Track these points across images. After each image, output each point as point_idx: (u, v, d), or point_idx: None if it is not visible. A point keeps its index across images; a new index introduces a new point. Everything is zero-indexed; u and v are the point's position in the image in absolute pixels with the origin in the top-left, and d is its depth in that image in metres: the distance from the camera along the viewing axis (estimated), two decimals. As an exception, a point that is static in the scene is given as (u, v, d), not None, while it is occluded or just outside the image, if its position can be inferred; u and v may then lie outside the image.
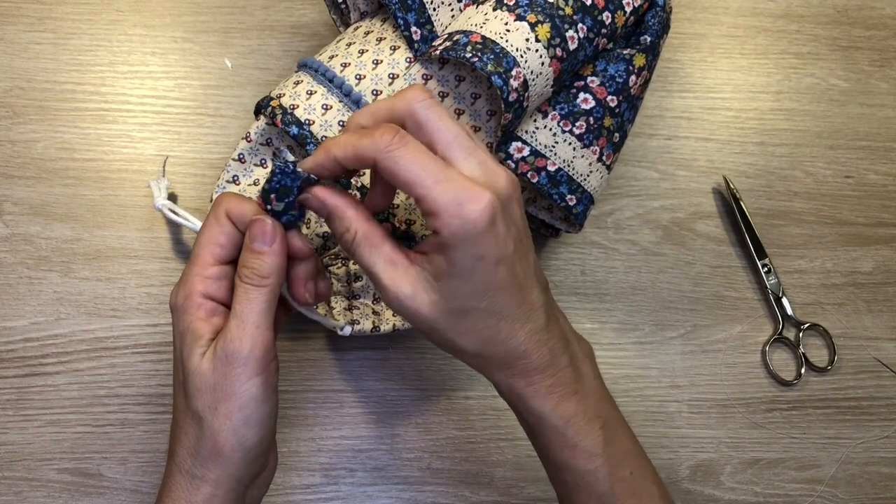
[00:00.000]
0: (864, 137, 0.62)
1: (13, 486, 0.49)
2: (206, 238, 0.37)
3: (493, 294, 0.35)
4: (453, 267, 0.34)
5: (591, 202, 0.49)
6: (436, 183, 0.33)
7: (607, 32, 0.45)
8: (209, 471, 0.36)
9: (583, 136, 0.47)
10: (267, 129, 0.47)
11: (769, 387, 0.57)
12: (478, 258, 0.33)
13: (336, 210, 0.36)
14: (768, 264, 0.58)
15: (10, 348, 0.51)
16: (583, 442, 0.38)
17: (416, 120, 0.34)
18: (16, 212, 0.53)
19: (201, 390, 0.36)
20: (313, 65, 0.46)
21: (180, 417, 0.37)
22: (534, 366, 0.37)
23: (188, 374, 0.36)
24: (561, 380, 0.37)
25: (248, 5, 0.58)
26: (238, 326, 0.35)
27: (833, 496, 0.55)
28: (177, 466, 0.37)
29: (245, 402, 0.35)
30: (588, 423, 0.38)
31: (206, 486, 0.36)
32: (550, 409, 0.37)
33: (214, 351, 0.36)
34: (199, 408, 0.36)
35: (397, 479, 0.52)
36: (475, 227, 0.33)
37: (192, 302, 0.36)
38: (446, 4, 0.45)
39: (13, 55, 0.55)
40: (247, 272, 0.36)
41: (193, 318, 0.36)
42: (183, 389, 0.37)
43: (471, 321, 0.35)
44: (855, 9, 0.65)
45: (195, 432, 0.36)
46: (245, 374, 0.35)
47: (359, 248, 0.35)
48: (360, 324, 0.48)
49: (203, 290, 0.37)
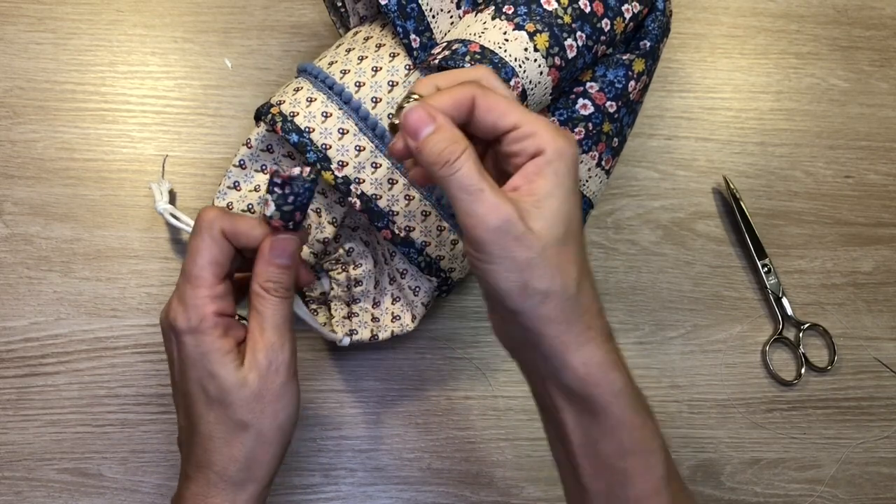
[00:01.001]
0: (864, 137, 0.62)
1: (13, 486, 0.49)
2: (205, 259, 0.38)
3: (577, 223, 0.35)
4: (559, 186, 0.34)
5: (590, 207, 0.49)
6: (525, 113, 0.35)
7: (606, 39, 0.45)
8: (255, 473, 0.38)
9: (582, 142, 0.47)
10: (267, 135, 0.47)
11: (769, 387, 0.57)
12: (570, 176, 0.35)
13: (446, 123, 0.34)
14: (768, 264, 0.58)
15: (10, 348, 0.51)
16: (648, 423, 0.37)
17: (491, 84, 0.36)
18: (16, 212, 0.53)
19: (246, 399, 0.37)
20: (313, 71, 0.46)
21: (215, 430, 0.38)
22: (607, 330, 0.36)
23: (227, 388, 0.37)
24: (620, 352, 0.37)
25: (248, 5, 0.58)
26: (278, 335, 0.38)
27: (833, 496, 0.55)
28: (217, 475, 0.38)
29: (289, 400, 0.38)
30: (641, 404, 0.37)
31: (251, 485, 0.38)
32: (624, 383, 0.35)
33: (256, 361, 0.37)
34: (245, 416, 0.37)
35: (397, 479, 0.52)
36: (573, 147, 0.34)
37: (209, 323, 0.37)
38: (445, 12, 0.45)
39: (13, 55, 0.55)
40: (273, 286, 0.38)
41: (214, 338, 0.37)
42: (216, 404, 0.38)
43: (571, 249, 0.34)
44: (855, 9, 0.65)
45: (242, 440, 0.37)
46: (287, 376, 0.38)
47: (468, 162, 0.34)
48: (358, 333, 0.49)
49: (216, 310, 0.38)
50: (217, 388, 0.37)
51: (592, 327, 0.35)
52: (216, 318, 0.37)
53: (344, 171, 0.44)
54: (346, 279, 0.49)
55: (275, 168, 0.38)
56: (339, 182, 0.44)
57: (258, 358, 0.37)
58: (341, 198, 0.48)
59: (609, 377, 0.35)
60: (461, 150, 0.34)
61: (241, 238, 0.38)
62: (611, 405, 0.35)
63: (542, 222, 0.33)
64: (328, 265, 0.49)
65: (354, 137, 0.44)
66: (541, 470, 0.53)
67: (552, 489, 0.53)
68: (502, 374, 0.54)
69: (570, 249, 0.34)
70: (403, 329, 0.49)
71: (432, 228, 0.46)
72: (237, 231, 0.38)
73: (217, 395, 0.37)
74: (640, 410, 0.36)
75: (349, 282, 0.49)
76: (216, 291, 0.38)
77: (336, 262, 0.49)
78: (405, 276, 0.49)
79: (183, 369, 0.38)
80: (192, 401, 0.38)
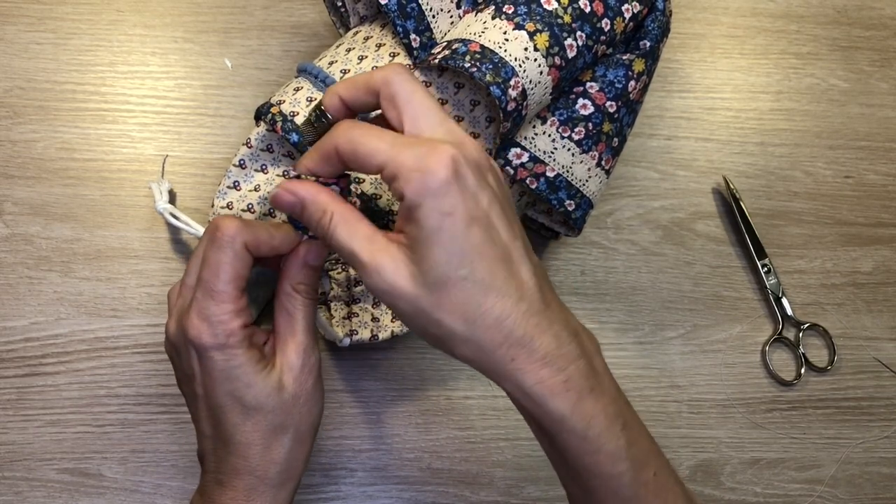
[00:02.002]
0: (864, 137, 0.62)
1: (13, 486, 0.49)
2: (229, 274, 0.37)
3: (472, 260, 0.32)
4: (422, 229, 0.32)
5: (590, 207, 0.49)
6: (393, 146, 0.32)
7: (606, 39, 0.45)
8: (293, 471, 0.39)
9: (582, 142, 0.47)
10: (268, 134, 0.47)
11: (769, 387, 0.57)
12: (445, 214, 0.32)
13: (309, 196, 0.35)
14: (768, 264, 0.58)
15: (11, 348, 0.51)
16: (606, 445, 0.35)
17: (389, 91, 0.34)
18: (16, 212, 0.53)
19: (284, 402, 0.38)
20: (313, 70, 0.46)
21: (252, 437, 0.38)
22: (539, 355, 0.33)
23: (266, 395, 0.38)
24: (575, 374, 0.34)
25: (248, 5, 0.58)
26: (308, 337, 0.39)
27: (833, 496, 0.55)
28: (258, 479, 0.38)
29: (319, 397, 0.40)
30: (610, 423, 0.35)
31: (290, 483, 0.39)
32: (570, 410, 0.34)
33: (289, 363, 0.38)
34: (283, 419, 0.38)
35: (397, 479, 0.52)
36: (436, 178, 0.31)
37: (237, 338, 0.37)
38: (445, 12, 0.45)
39: (13, 55, 0.55)
40: (304, 288, 0.39)
41: (244, 351, 0.37)
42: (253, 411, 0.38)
43: (455, 294, 0.32)
44: (855, 9, 0.65)
45: (281, 442, 0.38)
46: (317, 376, 0.40)
47: (337, 228, 0.34)
48: (358, 334, 0.49)
49: (242, 324, 0.38)
50: (254, 397, 0.38)
51: (516, 358, 0.33)
52: (243, 331, 0.37)
53: (344, 171, 0.44)
54: (346, 279, 0.49)
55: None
56: (339, 182, 0.44)
57: (291, 359, 0.38)
58: (341, 198, 0.48)
59: (549, 406, 0.34)
60: (328, 219, 0.34)
61: (262, 248, 0.38)
62: (558, 435, 0.34)
63: (415, 275, 0.33)
64: (328, 265, 0.49)
65: (354, 137, 0.44)
66: (541, 470, 0.53)
67: (552, 489, 0.53)
68: (502, 374, 0.54)
69: (453, 293, 0.33)
70: (403, 329, 0.49)
71: (432, 228, 0.46)
72: (259, 242, 0.38)
73: (254, 404, 0.38)
74: (597, 434, 0.34)
75: (349, 282, 0.49)
76: (240, 305, 0.38)
77: (336, 262, 0.49)
78: (405, 276, 0.49)
79: (211, 384, 0.38)
80: (223, 412, 0.38)
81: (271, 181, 0.47)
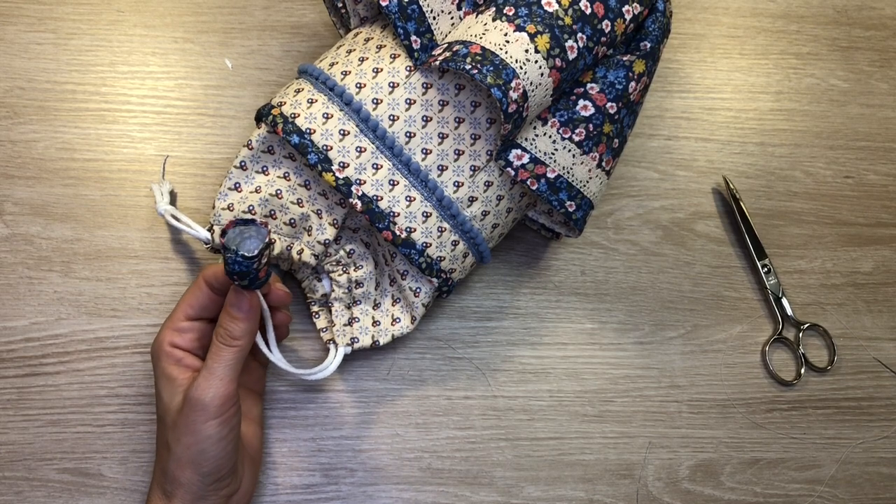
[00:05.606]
0: (864, 138, 0.62)
1: (13, 486, 0.49)
2: (184, 300, 0.45)
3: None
4: None
5: (590, 208, 0.49)
6: None
7: (607, 41, 0.45)
8: (176, 489, 0.42)
9: (582, 143, 0.47)
10: (268, 136, 0.47)
11: (769, 387, 0.57)
12: None
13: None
14: (768, 264, 0.58)
15: (11, 348, 0.51)
16: None
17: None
18: (16, 212, 0.53)
19: (171, 425, 0.42)
20: (314, 72, 0.46)
21: (159, 441, 0.44)
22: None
23: (164, 410, 0.43)
24: None
25: (248, 5, 0.58)
26: (206, 378, 0.41)
27: (833, 496, 0.56)
28: (156, 481, 0.44)
29: (202, 438, 0.41)
30: None
31: (177, 500, 0.42)
32: None
33: (184, 395, 0.42)
34: (169, 438, 0.42)
35: (397, 479, 0.52)
36: None
37: (163, 350, 0.44)
38: (446, 13, 0.45)
39: (13, 55, 0.55)
40: (222, 332, 0.42)
41: (166, 365, 0.43)
42: (159, 421, 0.44)
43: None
44: (855, 9, 0.65)
45: (166, 456, 0.42)
46: (203, 418, 0.41)
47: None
48: (359, 341, 0.49)
49: (170, 340, 0.44)
50: (160, 408, 0.43)
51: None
52: (169, 347, 0.44)
53: (345, 172, 0.44)
54: (347, 281, 0.49)
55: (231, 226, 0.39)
56: (340, 183, 0.44)
57: (187, 393, 0.42)
58: (342, 199, 0.48)
59: None
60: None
61: (215, 285, 0.44)
62: None
63: None
64: (329, 267, 0.49)
65: (355, 139, 0.44)
66: (541, 470, 0.53)
67: (552, 489, 0.53)
68: (502, 374, 0.54)
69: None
70: (403, 331, 0.50)
71: (433, 230, 0.46)
72: (219, 280, 0.44)
73: (159, 414, 0.44)
74: None
75: (350, 284, 0.49)
76: (177, 326, 0.44)
77: (337, 264, 0.49)
78: (406, 278, 0.49)
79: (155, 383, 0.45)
80: (157, 410, 0.44)
81: (272, 182, 0.47)
